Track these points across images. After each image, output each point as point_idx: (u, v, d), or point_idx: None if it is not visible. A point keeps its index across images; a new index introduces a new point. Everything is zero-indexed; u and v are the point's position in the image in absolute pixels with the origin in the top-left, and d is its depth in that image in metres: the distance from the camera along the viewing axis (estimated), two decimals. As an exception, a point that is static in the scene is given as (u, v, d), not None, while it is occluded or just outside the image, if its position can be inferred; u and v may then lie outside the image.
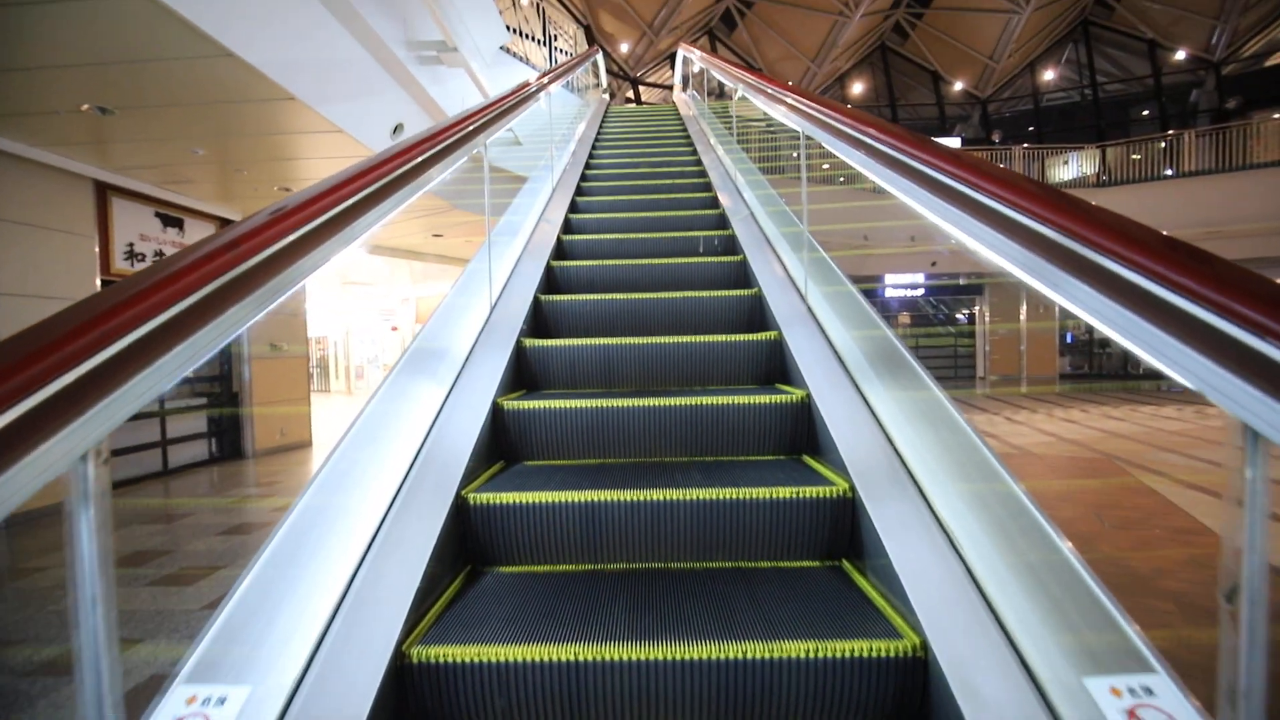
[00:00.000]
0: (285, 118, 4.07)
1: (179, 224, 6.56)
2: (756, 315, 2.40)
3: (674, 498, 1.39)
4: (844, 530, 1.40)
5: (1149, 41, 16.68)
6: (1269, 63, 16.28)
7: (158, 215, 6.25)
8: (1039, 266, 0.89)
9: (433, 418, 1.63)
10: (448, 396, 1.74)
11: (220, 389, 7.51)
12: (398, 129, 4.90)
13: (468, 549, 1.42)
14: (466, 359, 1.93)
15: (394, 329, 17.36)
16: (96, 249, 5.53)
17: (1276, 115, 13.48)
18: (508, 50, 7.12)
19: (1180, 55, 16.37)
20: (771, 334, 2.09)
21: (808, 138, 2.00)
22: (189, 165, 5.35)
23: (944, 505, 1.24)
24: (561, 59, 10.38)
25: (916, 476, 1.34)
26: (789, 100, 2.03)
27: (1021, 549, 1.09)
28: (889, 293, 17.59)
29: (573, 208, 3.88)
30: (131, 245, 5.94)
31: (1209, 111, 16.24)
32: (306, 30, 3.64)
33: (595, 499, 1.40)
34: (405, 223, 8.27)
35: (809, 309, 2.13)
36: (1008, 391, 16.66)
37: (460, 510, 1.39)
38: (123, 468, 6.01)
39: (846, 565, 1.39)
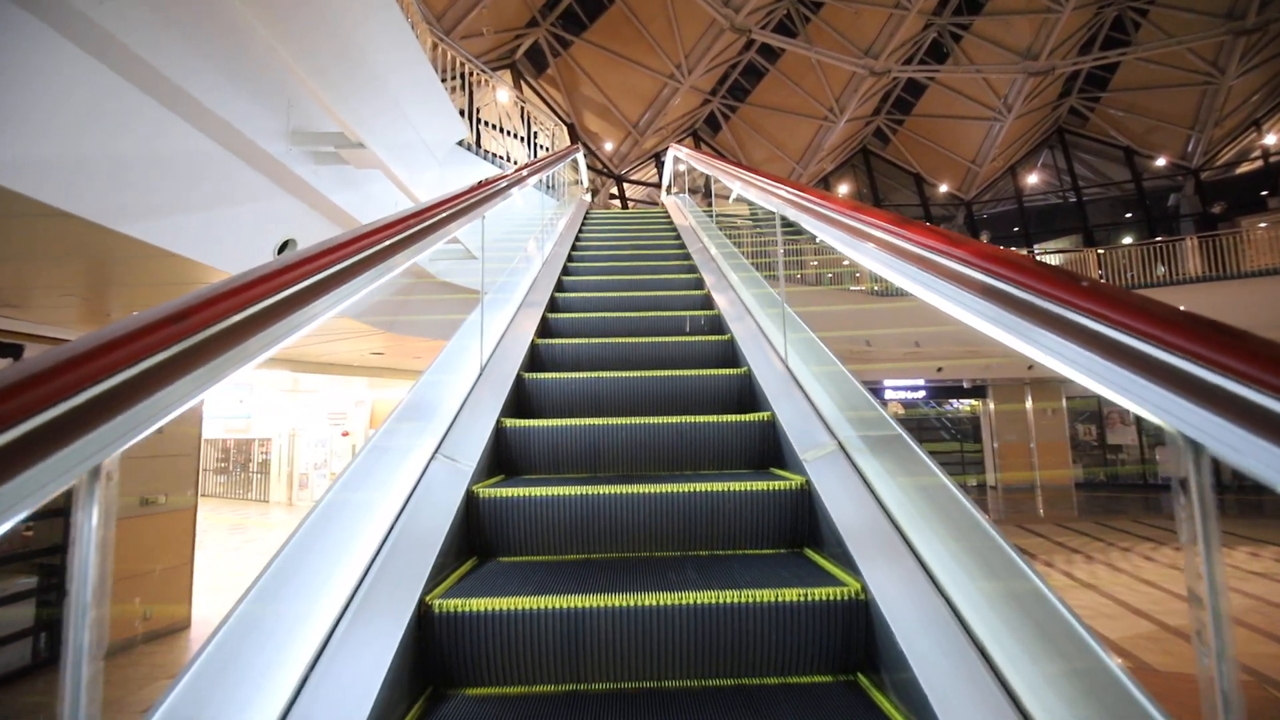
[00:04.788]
0: (76, 237, 2.65)
1: (16, 351, 5.00)
2: None
3: (670, 603, 1.20)
4: (858, 637, 1.20)
5: (1125, 148, 16.90)
6: (1241, 169, 16.54)
7: (-24, 344, 4.70)
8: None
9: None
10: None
11: (59, 560, 5.61)
12: (286, 245, 3.52)
13: (429, 667, 1.18)
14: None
15: (345, 434, 15.49)
16: None
17: (1262, 225, 13.25)
18: (466, 146, 6.00)
19: (1160, 162, 16.52)
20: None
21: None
22: (7, 290, 3.87)
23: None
24: (542, 154, 9.53)
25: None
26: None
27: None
28: (890, 394, 16.61)
29: (532, 360, 2.48)
30: (-78, 388, 4.33)
31: (1191, 216, 16.20)
32: (89, 117, 2.27)
33: (579, 605, 1.19)
34: (338, 341, 6.81)
35: None
36: (1024, 502, 15.09)
37: (423, 620, 1.17)
38: None
39: (864, 681, 1.19)
